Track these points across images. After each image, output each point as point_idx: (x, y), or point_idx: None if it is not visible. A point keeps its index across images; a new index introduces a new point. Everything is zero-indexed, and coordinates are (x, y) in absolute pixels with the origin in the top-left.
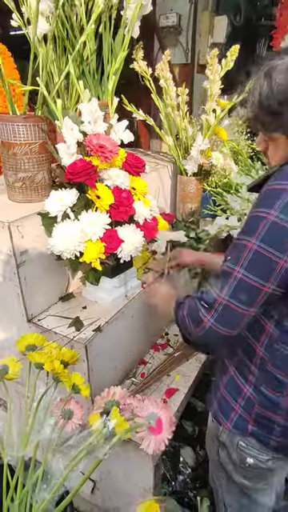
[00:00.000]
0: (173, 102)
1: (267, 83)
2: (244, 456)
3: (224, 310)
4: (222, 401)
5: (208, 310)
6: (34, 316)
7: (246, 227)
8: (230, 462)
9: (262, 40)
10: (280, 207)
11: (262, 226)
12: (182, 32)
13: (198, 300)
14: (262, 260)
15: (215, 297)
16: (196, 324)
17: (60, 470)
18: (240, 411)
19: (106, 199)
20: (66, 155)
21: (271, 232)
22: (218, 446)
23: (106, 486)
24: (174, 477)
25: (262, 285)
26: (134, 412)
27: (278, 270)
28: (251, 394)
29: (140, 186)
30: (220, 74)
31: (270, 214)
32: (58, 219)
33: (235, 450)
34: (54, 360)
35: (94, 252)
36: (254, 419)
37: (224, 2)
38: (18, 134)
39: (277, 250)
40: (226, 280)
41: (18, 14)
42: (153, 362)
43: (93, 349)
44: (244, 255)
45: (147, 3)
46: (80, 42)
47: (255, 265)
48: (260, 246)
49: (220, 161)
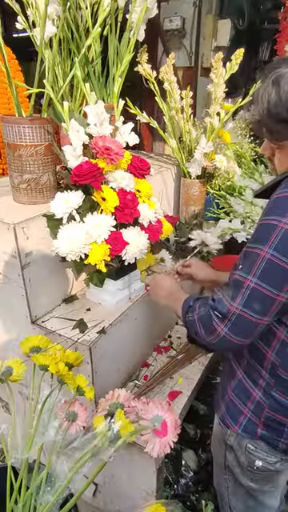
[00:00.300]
0: (177, 105)
1: (275, 91)
2: (253, 459)
3: (237, 319)
4: (231, 404)
5: (221, 320)
6: (38, 318)
7: (258, 235)
8: (237, 465)
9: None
10: None
11: (275, 234)
12: (186, 35)
13: (212, 309)
14: (275, 269)
15: (228, 307)
16: (209, 332)
17: (64, 472)
18: (249, 415)
19: (111, 201)
20: (72, 157)
21: (284, 241)
22: (225, 449)
23: (108, 489)
24: (176, 480)
25: (276, 294)
26: (138, 415)
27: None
28: (260, 397)
29: (145, 189)
30: (224, 78)
31: (283, 222)
32: (64, 221)
33: (243, 452)
34: (58, 362)
35: (99, 254)
36: (263, 423)
37: (228, 5)
38: (24, 136)
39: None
40: (238, 289)
41: (23, 17)
42: (156, 364)
43: (97, 351)
44: (257, 264)
45: (153, 7)
46: (86, 45)
47: (268, 274)
48: (273, 255)
49: (223, 164)
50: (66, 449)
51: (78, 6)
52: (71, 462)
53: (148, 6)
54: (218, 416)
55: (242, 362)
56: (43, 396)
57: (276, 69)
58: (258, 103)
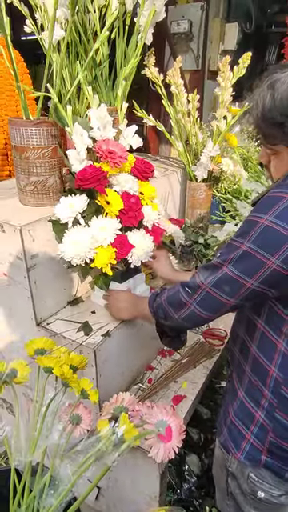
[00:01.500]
0: (183, 108)
1: (270, 95)
2: (255, 489)
3: (206, 296)
4: (233, 427)
5: (190, 295)
6: (43, 320)
7: (241, 230)
8: (240, 493)
9: (273, 47)
10: (275, 213)
11: (255, 229)
12: (194, 39)
13: (182, 286)
14: (250, 260)
15: (199, 283)
16: (178, 307)
17: (68, 475)
18: (252, 440)
19: (115, 205)
20: (76, 161)
21: (263, 234)
22: (227, 475)
23: (111, 493)
24: (180, 485)
25: (246, 280)
26: (142, 419)
27: (264, 269)
28: (264, 420)
29: (148, 191)
30: (231, 81)
31: (264, 219)
32: (69, 225)
33: (246, 481)
34: (63, 365)
35: (105, 257)
36: (267, 449)
37: (235, 9)
38: (31, 139)
39: (266, 251)
40: (213, 272)
41: (31, 20)
42: (160, 368)
43: (101, 354)
44: (233, 254)
45: (160, 10)
46: (94, 49)
47: (243, 263)
48: (250, 247)
49: (230, 167)
50: (69, 452)
51: (86, 10)
52: (75, 465)
53: (156, 9)
54: (218, 440)
55: (244, 380)
56: (47, 398)
57: (271, 74)
58: (253, 108)
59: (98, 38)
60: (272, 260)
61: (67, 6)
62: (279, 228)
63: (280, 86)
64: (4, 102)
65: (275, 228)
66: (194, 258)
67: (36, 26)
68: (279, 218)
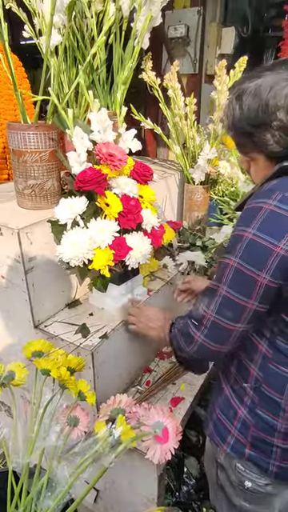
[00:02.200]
0: (181, 112)
1: (239, 106)
2: (242, 479)
3: (212, 326)
4: (218, 423)
5: (198, 327)
6: (41, 322)
7: (229, 246)
8: (229, 485)
9: (270, 51)
10: (257, 225)
11: (241, 244)
12: (191, 43)
13: (188, 318)
14: (241, 277)
15: (203, 314)
16: (188, 341)
17: (65, 477)
18: (236, 434)
19: (114, 207)
20: (76, 163)
21: (248, 249)
22: (217, 467)
23: (109, 496)
24: (178, 487)
25: (245, 301)
26: (140, 420)
27: (257, 287)
28: (246, 416)
29: (148, 194)
30: (228, 85)
31: (247, 232)
32: (68, 227)
33: (234, 471)
34: (60, 367)
35: (103, 259)
36: (250, 443)
37: (231, 13)
38: (29, 142)
39: (254, 267)
40: (213, 297)
41: (29, 26)
42: (158, 370)
43: (99, 356)
44: (226, 273)
45: (157, 15)
46: (91, 53)
47: (237, 282)
48: (239, 263)
49: (227, 170)
50: (67, 454)
51: (83, 15)
52: (72, 467)
53: (152, 14)
54: (207, 434)
55: (230, 378)
56: (45, 400)
57: (241, 84)
58: (226, 118)
59: (95, 43)
60: (262, 275)
61: (64, 11)
62: (263, 241)
63: (247, 96)
64: (3, 106)
65: (259, 242)
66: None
67: (34, 31)
68: (261, 230)
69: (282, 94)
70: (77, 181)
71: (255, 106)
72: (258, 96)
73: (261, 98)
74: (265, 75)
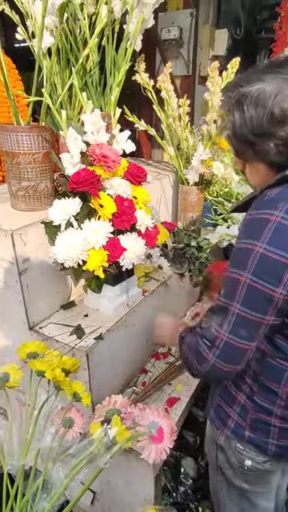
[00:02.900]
0: (174, 113)
1: (240, 113)
2: (242, 458)
3: (225, 346)
4: (219, 408)
5: (210, 348)
6: (36, 324)
7: (237, 260)
8: (229, 467)
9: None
10: (267, 238)
11: (252, 258)
12: (184, 45)
13: (200, 337)
14: (257, 294)
15: (216, 334)
16: (200, 361)
17: (60, 479)
18: (236, 418)
19: (108, 208)
20: (70, 165)
21: (261, 264)
22: (217, 449)
23: (106, 497)
24: (175, 488)
25: (262, 318)
26: (135, 421)
27: (275, 303)
28: (245, 401)
29: (141, 195)
30: (220, 86)
31: (258, 246)
32: (62, 228)
33: (233, 453)
34: (55, 368)
35: (97, 260)
36: (249, 425)
37: (224, 15)
38: (22, 144)
39: (270, 283)
40: (225, 316)
41: (22, 28)
42: (154, 370)
43: (94, 357)
44: (238, 290)
45: (149, 18)
46: (83, 55)
47: (251, 299)
48: (253, 280)
49: (221, 170)
50: (62, 455)
51: (76, 17)
52: (67, 468)
53: (145, 17)
54: (208, 417)
55: None
56: (40, 402)
57: (238, 87)
58: (223, 124)
59: (88, 44)
60: (279, 291)
61: (56, 13)
62: (275, 256)
63: (249, 102)
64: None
65: (272, 256)
66: (186, 260)
67: (27, 33)
68: (272, 244)
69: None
70: (70, 182)
71: (259, 116)
72: (262, 104)
73: (265, 106)
74: (266, 79)
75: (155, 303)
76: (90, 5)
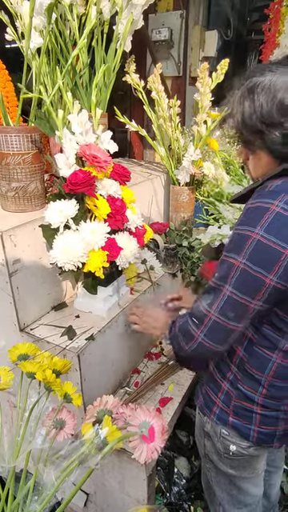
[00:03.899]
0: (165, 114)
1: (250, 102)
2: (227, 444)
3: (213, 325)
4: (206, 396)
5: (198, 326)
6: (27, 325)
7: (233, 244)
8: (215, 452)
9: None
10: (264, 226)
11: (248, 244)
12: (174, 46)
13: (189, 316)
14: (249, 278)
15: (205, 313)
16: (188, 339)
17: (51, 481)
18: (221, 404)
19: (103, 208)
20: (65, 166)
21: (257, 251)
22: (204, 437)
23: (99, 499)
24: (169, 488)
25: (250, 302)
26: (126, 421)
27: (265, 288)
28: (229, 388)
29: (128, 195)
30: (210, 87)
31: (254, 233)
32: (61, 230)
33: (219, 439)
34: (45, 369)
35: (98, 261)
36: (233, 411)
37: (214, 17)
38: (11, 145)
39: (263, 269)
40: (216, 296)
41: (12, 28)
42: (146, 371)
43: (85, 358)
44: (232, 273)
45: (138, 19)
46: (72, 56)
47: (243, 283)
48: (247, 265)
49: (211, 171)
50: (53, 457)
51: (65, 18)
52: (58, 470)
53: (134, 18)
54: (197, 406)
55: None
56: (31, 404)
57: (251, 77)
58: (233, 112)
59: (77, 45)
60: (270, 277)
61: (44, 14)
62: (271, 243)
63: (260, 91)
64: None
65: (267, 244)
66: (178, 260)
67: (17, 34)
68: (269, 232)
69: None
70: (68, 183)
71: (269, 104)
72: (273, 93)
73: (275, 95)
74: (279, 71)
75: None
76: (79, 6)
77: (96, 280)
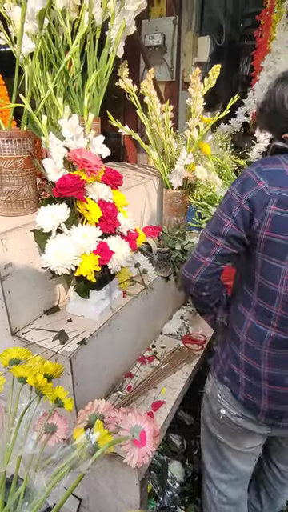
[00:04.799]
0: (158, 118)
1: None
2: (219, 407)
3: (191, 259)
4: (215, 357)
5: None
6: (19, 329)
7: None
8: (209, 414)
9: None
10: (236, 184)
11: (225, 198)
12: (167, 51)
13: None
14: (217, 220)
15: (192, 253)
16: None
17: (42, 486)
18: (221, 363)
19: (94, 212)
20: (53, 171)
21: (225, 201)
22: (205, 398)
23: (92, 504)
24: (163, 492)
25: (215, 239)
26: (118, 425)
27: (224, 227)
28: (227, 349)
29: (119, 199)
30: (202, 92)
31: (230, 189)
32: (53, 234)
33: (215, 401)
34: (37, 374)
35: (90, 265)
36: (227, 371)
37: (207, 23)
38: (3, 149)
39: (225, 213)
40: (199, 240)
41: (5, 33)
42: (139, 374)
43: (77, 362)
44: (211, 220)
45: (130, 24)
46: (65, 61)
47: (214, 226)
48: (219, 211)
49: (204, 174)
50: (44, 462)
51: (58, 24)
52: (50, 475)
53: (126, 23)
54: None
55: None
56: (21, 408)
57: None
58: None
59: (70, 50)
60: (229, 220)
61: (36, 19)
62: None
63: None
64: None
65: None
66: (171, 264)
67: (10, 38)
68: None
69: None
70: (57, 188)
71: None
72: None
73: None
74: None
75: (140, 307)
76: (72, 11)
77: (88, 284)
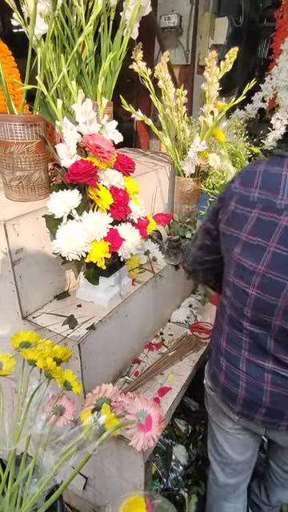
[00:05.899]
0: (171, 103)
1: None
2: (204, 376)
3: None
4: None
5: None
6: (29, 313)
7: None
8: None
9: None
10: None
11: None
12: (183, 33)
13: None
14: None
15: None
16: None
17: (50, 464)
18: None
19: (106, 199)
20: (66, 156)
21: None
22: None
23: (98, 483)
24: (166, 474)
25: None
26: (125, 409)
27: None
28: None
29: (131, 186)
30: (218, 77)
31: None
32: (64, 220)
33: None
34: (46, 357)
35: (100, 251)
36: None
37: (226, 3)
38: (16, 133)
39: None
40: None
41: (18, 13)
42: (147, 360)
43: (86, 347)
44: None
45: (146, 5)
46: (78, 43)
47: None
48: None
49: (217, 162)
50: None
51: (72, 4)
52: (58, 454)
53: (141, 3)
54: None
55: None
56: (31, 390)
57: None
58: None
59: (83, 32)
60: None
61: None
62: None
63: None
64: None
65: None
66: (181, 252)
67: (23, 19)
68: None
69: None
70: (70, 173)
71: None
72: None
73: None
74: None
75: (149, 294)
76: None
77: (98, 270)
